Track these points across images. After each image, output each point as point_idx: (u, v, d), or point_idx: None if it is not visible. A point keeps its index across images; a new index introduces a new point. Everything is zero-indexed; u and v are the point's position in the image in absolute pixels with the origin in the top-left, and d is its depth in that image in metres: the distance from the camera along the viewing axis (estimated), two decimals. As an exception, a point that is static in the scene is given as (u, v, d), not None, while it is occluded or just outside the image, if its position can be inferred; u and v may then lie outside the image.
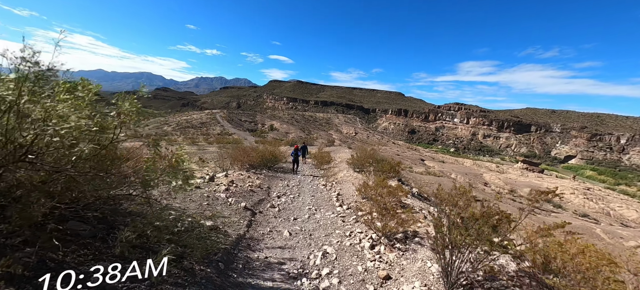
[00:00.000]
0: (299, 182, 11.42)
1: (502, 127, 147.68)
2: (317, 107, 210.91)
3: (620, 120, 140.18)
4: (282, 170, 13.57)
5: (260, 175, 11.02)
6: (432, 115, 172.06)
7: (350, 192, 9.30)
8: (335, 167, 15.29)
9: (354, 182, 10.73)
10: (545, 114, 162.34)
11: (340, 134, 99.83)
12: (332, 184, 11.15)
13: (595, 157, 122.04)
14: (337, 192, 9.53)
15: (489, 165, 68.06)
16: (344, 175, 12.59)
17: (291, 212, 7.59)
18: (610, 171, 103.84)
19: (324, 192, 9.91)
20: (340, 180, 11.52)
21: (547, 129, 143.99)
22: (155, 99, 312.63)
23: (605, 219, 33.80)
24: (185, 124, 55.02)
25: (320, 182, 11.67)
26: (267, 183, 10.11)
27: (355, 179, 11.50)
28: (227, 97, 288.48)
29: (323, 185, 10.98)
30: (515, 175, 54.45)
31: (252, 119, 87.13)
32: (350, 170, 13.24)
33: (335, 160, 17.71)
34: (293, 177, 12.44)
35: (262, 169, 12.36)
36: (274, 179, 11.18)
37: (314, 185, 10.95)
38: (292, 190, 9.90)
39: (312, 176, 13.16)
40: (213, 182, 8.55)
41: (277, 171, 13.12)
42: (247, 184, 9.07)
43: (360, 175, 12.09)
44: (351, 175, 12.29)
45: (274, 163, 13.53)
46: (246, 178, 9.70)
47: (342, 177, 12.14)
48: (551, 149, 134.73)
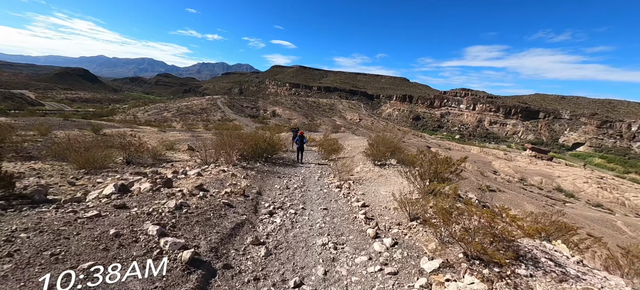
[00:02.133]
0: (302, 182, 8.86)
1: (509, 114, 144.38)
2: (321, 93, 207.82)
3: (632, 107, 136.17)
4: (281, 162, 11.54)
5: (250, 170, 8.75)
6: (437, 101, 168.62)
7: (381, 201, 6.73)
8: (348, 158, 13.08)
9: (380, 182, 8.59)
10: (554, 100, 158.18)
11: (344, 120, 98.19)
12: (349, 185, 8.50)
13: (604, 145, 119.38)
14: (361, 201, 6.77)
15: (496, 152, 66.47)
16: (362, 170, 10.31)
17: (291, 258, 4.09)
18: (620, 159, 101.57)
19: (341, 200, 7.14)
20: (359, 179, 9.15)
21: (555, 115, 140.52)
22: (157, 85, 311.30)
23: (620, 209, 32.55)
24: (185, 110, 53.83)
25: (332, 181, 9.14)
26: (258, 184, 7.58)
27: (378, 175, 9.27)
28: (229, 83, 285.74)
29: (337, 187, 8.30)
30: (524, 163, 52.97)
31: (253, 104, 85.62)
32: (368, 164, 10.94)
33: (345, 150, 15.83)
34: (295, 173, 10.05)
35: (257, 161, 10.37)
36: (269, 177, 8.75)
37: (324, 187, 8.40)
38: (293, 198, 6.96)
39: (319, 171, 10.78)
40: (168, 188, 5.64)
41: (275, 164, 11.02)
42: (225, 188, 6.24)
43: (383, 170, 9.90)
44: (371, 170, 10.00)
45: (271, 153, 11.46)
46: (228, 177, 7.33)
47: (362, 174, 9.78)
48: (559, 136, 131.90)
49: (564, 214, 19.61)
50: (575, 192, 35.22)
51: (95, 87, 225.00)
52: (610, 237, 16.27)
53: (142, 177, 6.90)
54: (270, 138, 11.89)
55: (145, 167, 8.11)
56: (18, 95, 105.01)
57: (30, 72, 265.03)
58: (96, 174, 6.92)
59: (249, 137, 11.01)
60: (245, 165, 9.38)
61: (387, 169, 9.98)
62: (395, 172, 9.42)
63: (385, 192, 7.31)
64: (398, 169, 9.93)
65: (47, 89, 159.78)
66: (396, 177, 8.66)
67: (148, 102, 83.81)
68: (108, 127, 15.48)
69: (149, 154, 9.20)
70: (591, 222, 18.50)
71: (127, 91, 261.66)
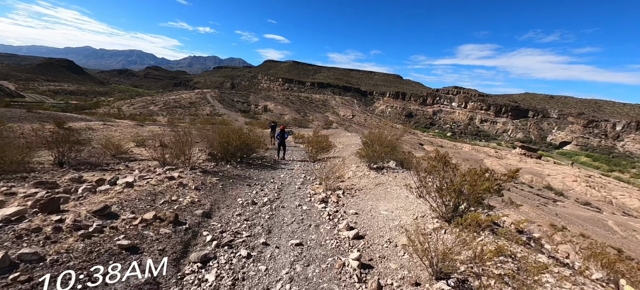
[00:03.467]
0: (278, 192, 7.02)
1: (499, 112, 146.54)
2: (314, 88, 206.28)
3: (617, 107, 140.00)
4: (259, 164, 9.83)
5: (212, 176, 7.13)
6: (430, 99, 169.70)
7: (382, 227, 5.02)
8: (338, 158, 11.43)
9: (379, 194, 6.77)
10: (543, 99, 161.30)
11: (337, 116, 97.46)
12: (338, 197, 6.72)
13: (590, 144, 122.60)
14: (353, 227, 5.02)
15: (487, 150, 67.01)
16: (355, 175, 8.58)
17: None
18: (605, 158, 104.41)
19: (325, 225, 5.22)
20: (351, 189, 7.39)
21: (544, 114, 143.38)
22: (146, 78, 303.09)
23: (607, 207, 32.95)
24: (173, 104, 51.99)
25: (316, 190, 7.26)
26: (214, 198, 5.88)
27: (375, 183, 7.46)
28: (221, 77, 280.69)
29: (322, 201, 6.45)
30: (514, 161, 53.43)
31: (245, 99, 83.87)
32: (362, 167, 9.26)
33: (336, 148, 14.31)
34: (272, 178, 8.34)
35: (228, 162, 8.82)
36: (235, 185, 7.02)
37: (304, 201, 6.52)
38: (257, 222, 5.08)
39: (303, 175, 9.00)
40: (46, 215, 3.79)
41: (251, 165, 9.37)
42: (151, 210, 4.48)
43: (381, 175, 8.13)
44: (366, 175, 8.33)
45: (247, 152, 9.76)
46: (173, 187, 5.72)
47: (354, 181, 8.08)
48: (547, 134, 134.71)
49: (557, 214, 19.33)
50: (564, 190, 35.48)
51: (81, 79, 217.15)
52: (603, 237, 16.04)
53: (39, 189, 4.79)
54: (245, 134, 10.00)
55: (83, 170, 6.62)
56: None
57: (11, 62, 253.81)
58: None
59: (219, 134, 9.41)
60: (210, 168, 7.91)
61: (386, 174, 8.32)
62: (396, 179, 7.81)
63: (387, 212, 5.59)
64: (399, 174, 8.37)
65: (28, 80, 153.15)
66: (398, 187, 6.98)
67: (135, 95, 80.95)
68: (78, 120, 14.16)
69: (109, 151, 8.02)
70: (583, 222, 18.31)
71: (115, 84, 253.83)
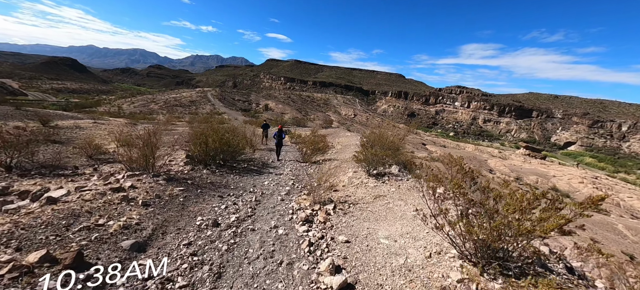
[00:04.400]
0: (253, 207, 5.80)
1: (503, 112, 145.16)
2: (316, 87, 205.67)
3: (623, 107, 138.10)
4: (244, 168, 8.69)
5: (176, 185, 6.05)
6: (432, 98, 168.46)
7: (382, 266, 3.68)
8: (335, 161, 10.29)
9: (378, 211, 5.50)
10: (547, 99, 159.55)
11: (338, 116, 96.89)
12: (326, 215, 5.37)
13: (595, 144, 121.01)
14: (342, 272, 3.59)
15: (491, 150, 66.14)
16: (351, 184, 7.30)
17: None
18: (610, 158, 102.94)
19: (301, 262, 3.90)
20: (344, 202, 6.12)
21: (548, 114, 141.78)
22: (148, 77, 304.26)
23: (615, 209, 32.14)
24: (173, 102, 51.72)
25: (301, 203, 6.04)
26: (163, 218, 4.69)
27: (374, 196, 6.23)
28: (223, 76, 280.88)
29: (305, 223, 5.06)
30: (518, 161, 52.59)
31: (246, 98, 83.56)
32: (360, 172, 7.98)
33: (334, 148, 13.32)
34: (253, 187, 7.21)
35: (207, 165, 7.81)
36: (201, 198, 5.87)
37: (282, 221, 5.22)
38: (205, 262, 3.74)
39: (291, 181, 7.96)
40: None
41: (233, 170, 8.24)
42: (59, 243, 3.46)
43: (381, 184, 6.88)
44: (364, 184, 7.10)
45: (230, 155, 8.64)
46: (111, 203, 4.71)
47: (349, 191, 6.82)
48: (551, 134, 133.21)
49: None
50: (570, 192, 34.68)
51: (84, 78, 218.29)
52: (614, 242, 15.39)
53: None
54: (227, 134, 8.78)
55: (33, 176, 5.81)
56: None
57: (15, 60, 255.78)
58: None
59: (195, 133, 8.37)
60: (183, 173, 6.90)
61: (388, 183, 7.06)
62: (400, 190, 6.60)
63: (389, 241, 4.23)
64: (403, 182, 7.05)
65: (32, 79, 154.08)
66: (403, 203, 5.79)
67: (136, 93, 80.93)
68: (67, 118, 13.73)
69: (85, 152, 7.41)
70: (593, 225, 17.64)
71: (118, 82, 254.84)
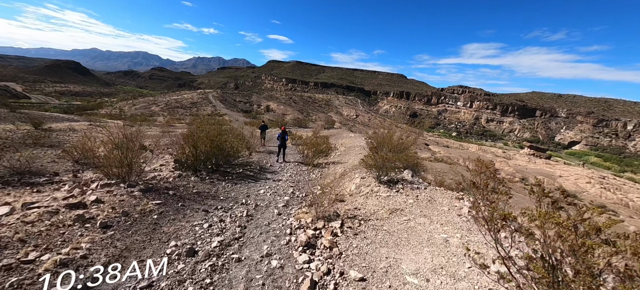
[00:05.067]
0: (242, 226, 4.81)
1: (506, 112, 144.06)
2: (317, 88, 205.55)
3: (628, 106, 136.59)
4: (238, 174, 7.87)
5: (156, 197, 5.25)
6: (434, 98, 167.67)
7: None
8: (339, 164, 9.52)
9: (397, 233, 4.44)
10: (551, 98, 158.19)
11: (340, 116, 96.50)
12: (331, 238, 4.34)
13: (600, 143, 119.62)
14: None
15: (495, 150, 65.42)
16: (360, 192, 6.37)
17: None
18: (616, 158, 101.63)
19: None
20: (353, 217, 5.13)
21: (552, 113, 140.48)
22: (151, 79, 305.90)
23: (624, 210, 31.43)
24: (174, 104, 51.60)
25: (302, 220, 5.08)
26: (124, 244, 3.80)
27: (389, 210, 5.25)
28: (225, 78, 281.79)
29: (306, 249, 4.12)
30: (523, 161, 51.89)
31: (247, 99, 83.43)
32: (369, 180, 6.95)
33: (337, 150, 12.60)
34: (246, 197, 6.34)
35: (197, 171, 7.06)
36: (184, 212, 5.03)
37: (278, 249, 4.18)
38: None
39: (291, 189, 7.16)
40: None
41: (226, 176, 7.45)
42: None
43: (395, 194, 5.99)
44: (375, 193, 6.14)
45: (223, 159, 7.99)
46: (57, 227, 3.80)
47: (358, 203, 5.83)
48: (555, 134, 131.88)
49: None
50: (577, 192, 33.99)
51: (87, 80, 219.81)
52: (627, 245, 14.81)
53: None
54: (219, 136, 7.91)
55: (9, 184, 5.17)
56: (2, 87, 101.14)
57: (20, 64, 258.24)
58: None
59: (183, 136, 7.60)
60: (167, 181, 6.11)
61: (403, 191, 6.14)
62: (419, 201, 5.60)
63: (418, 280, 3.26)
64: (422, 191, 6.11)
65: (36, 82, 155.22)
66: (427, 219, 4.79)
67: (138, 95, 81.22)
68: (63, 121, 13.41)
69: (72, 156, 6.88)
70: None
71: (120, 85, 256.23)
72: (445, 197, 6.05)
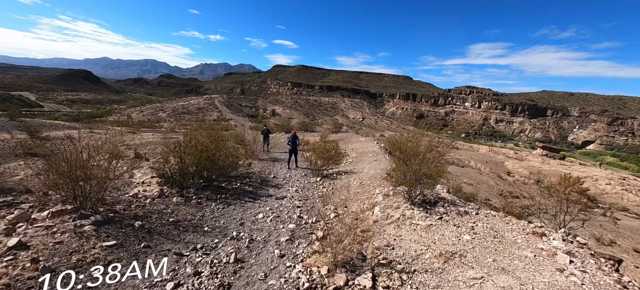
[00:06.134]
0: (223, 286, 3.45)
1: (515, 111, 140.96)
2: (322, 92, 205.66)
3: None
4: (232, 190, 6.88)
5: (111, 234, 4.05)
6: (441, 99, 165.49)
7: None
8: (353, 174, 8.34)
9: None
10: (562, 97, 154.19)
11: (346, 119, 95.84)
12: None
13: (615, 143, 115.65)
14: None
15: (506, 151, 63.68)
16: (386, 220, 4.97)
17: None
18: (633, 157, 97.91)
19: None
20: (387, 264, 3.76)
21: (564, 113, 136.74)
22: (159, 86, 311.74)
23: (648, 213, 29.82)
24: (181, 110, 51.95)
25: (314, 271, 3.67)
26: None
27: (442, 256, 3.75)
28: (231, 83, 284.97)
29: None
30: (536, 162, 50.19)
31: (253, 104, 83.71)
32: (397, 200, 5.56)
33: (348, 157, 11.65)
34: (238, 225, 5.27)
35: (182, 188, 6.05)
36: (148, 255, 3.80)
37: None
38: None
39: (296, 212, 5.94)
40: None
41: (219, 192, 6.50)
42: None
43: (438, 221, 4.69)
44: (408, 218, 4.81)
45: (217, 171, 6.94)
46: None
47: (389, 238, 4.45)
48: (568, 133, 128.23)
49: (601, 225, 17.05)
50: (597, 195, 32.44)
51: (98, 89, 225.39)
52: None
53: None
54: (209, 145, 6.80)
55: None
56: (17, 97, 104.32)
57: (34, 74, 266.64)
58: None
59: (167, 146, 6.44)
60: (138, 205, 5.08)
61: (449, 218, 4.75)
62: (477, 234, 4.20)
63: None
64: (481, 220, 4.69)
65: (49, 91, 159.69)
66: (511, 277, 3.25)
67: (146, 102, 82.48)
68: (62, 128, 13.16)
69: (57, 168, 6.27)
70: (631, 233, 15.95)
71: (130, 92, 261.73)
72: (513, 229, 4.50)
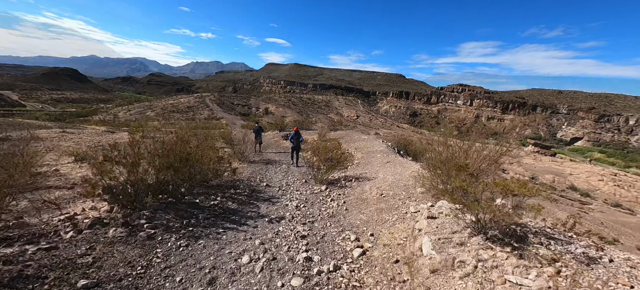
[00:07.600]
0: None
1: (506, 109, 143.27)
2: (316, 90, 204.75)
3: (629, 101, 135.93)
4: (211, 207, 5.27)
5: None
6: (434, 98, 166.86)
7: None
8: (365, 181, 7.01)
9: None
10: (551, 95, 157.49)
11: (341, 117, 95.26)
12: None
13: (602, 139, 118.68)
14: None
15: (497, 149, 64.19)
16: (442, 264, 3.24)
17: None
18: (620, 153, 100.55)
19: None
20: None
21: (553, 110, 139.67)
22: (149, 85, 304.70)
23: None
24: (170, 109, 50.38)
25: None
26: None
27: None
28: (223, 82, 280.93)
29: None
30: (528, 159, 50.63)
31: (245, 102, 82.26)
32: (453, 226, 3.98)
33: (354, 158, 9.96)
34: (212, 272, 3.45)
35: (138, 208, 4.31)
36: None
37: None
38: None
39: (301, 245, 4.25)
40: None
41: (192, 209, 4.95)
42: None
43: (559, 282, 2.50)
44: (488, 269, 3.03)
45: (191, 181, 5.44)
46: None
47: None
48: (557, 130, 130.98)
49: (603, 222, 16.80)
50: (590, 191, 32.70)
51: (84, 87, 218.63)
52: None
53: None
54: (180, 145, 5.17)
55: None
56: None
57: (17, 73, 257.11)
58: None
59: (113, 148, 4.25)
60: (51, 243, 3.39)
61: (561, 265, 3.07)
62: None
63: None
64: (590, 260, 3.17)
65: (32, 90, 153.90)
66: None
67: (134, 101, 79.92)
68: (31, 128, 12.06)
69: None
70: (631, 231, 15.76)
71: (119, 91, 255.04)
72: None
